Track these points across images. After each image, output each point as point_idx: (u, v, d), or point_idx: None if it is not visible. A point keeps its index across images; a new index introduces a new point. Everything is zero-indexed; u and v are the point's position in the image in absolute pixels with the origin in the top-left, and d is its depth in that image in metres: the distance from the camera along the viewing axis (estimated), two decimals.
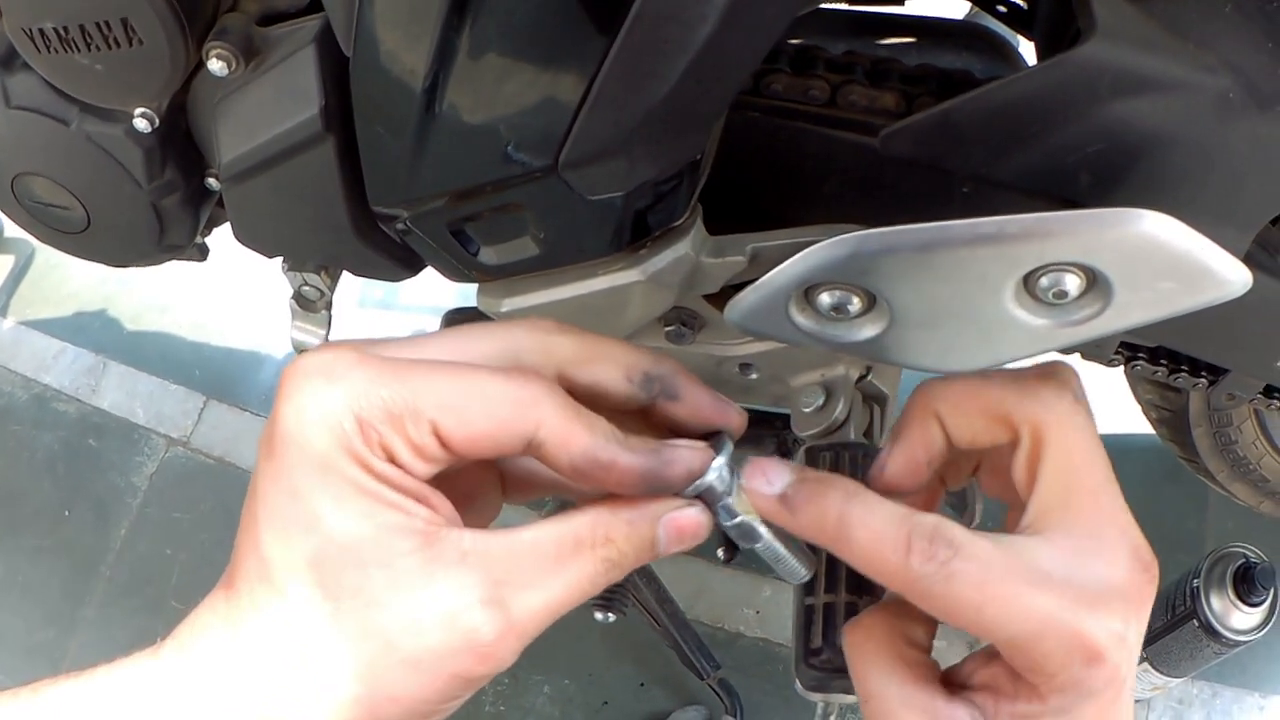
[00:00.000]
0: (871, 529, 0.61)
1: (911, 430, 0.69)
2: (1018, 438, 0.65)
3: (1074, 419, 0.65)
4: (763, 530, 0.66)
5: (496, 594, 0.58)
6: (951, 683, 0.66)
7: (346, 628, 0.57)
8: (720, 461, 0.65)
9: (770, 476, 0.65)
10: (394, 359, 0.60)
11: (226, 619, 0.59)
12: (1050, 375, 0.67)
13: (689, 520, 0.64)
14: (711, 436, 0.67)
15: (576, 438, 0.61)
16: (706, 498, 0.64)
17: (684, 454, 0.64)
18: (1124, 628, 0.59)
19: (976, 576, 0.59)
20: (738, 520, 0.65)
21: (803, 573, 0.69)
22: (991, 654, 0.64)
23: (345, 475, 0.57)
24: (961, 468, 0.74)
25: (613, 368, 0.66)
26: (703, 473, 0.64)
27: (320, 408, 0.58)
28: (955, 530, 0.60)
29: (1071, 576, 0.59)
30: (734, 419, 0.68)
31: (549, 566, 0.60)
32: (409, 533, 0.58)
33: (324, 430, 0.57)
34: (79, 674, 0.59)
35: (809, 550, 0.68)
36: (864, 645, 0.67)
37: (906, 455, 0.69)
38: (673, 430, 0.67)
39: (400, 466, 0.59)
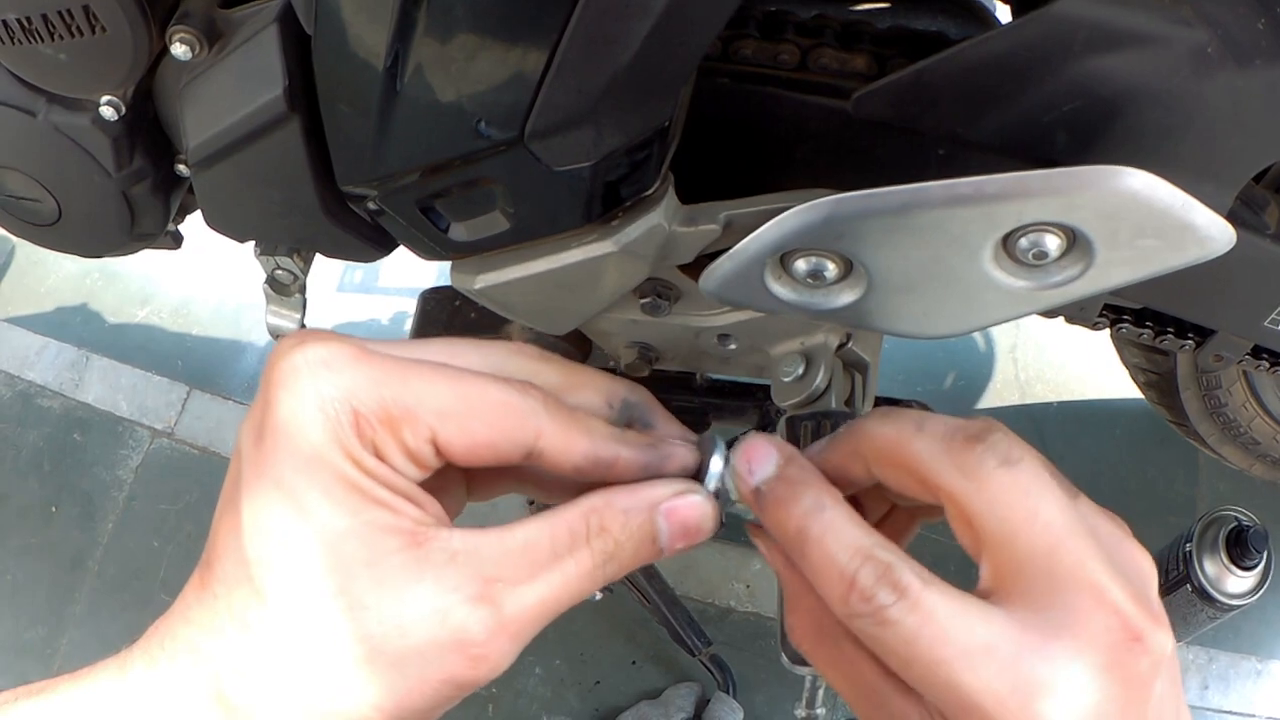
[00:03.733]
0: (824, 551, 0.59)
1: (837, 462, 0.66)
2: (941, 506, 0.61)
3: (1003, 481, 0.58)
4: None
5: (487, 591, 0.57)
6: None
7: (330, 632, 0.55)
8: (718, 466, 0.63)
9: (754, 465, 0.64)
10: (395, 358, 0.59)
11: (201, 628, 0.57)
12: (974, 438, 0.60)
13: (691, 509, 0.62)
14: (702, 443, 0.66)
15: (577, 443, 0.61)
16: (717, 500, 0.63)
17: (679, 449, 0.64)
18: None
19: (910, 632, 0.55)
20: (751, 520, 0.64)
21: None
22: None
23: (335, 469, 0.56)
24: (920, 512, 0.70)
25: (594, 394, 0.66)
26: (696, 467, 0.64)
27: (318, 398, 0.56)
28: (910, 575, 0.56)
29: (1021, 657, 0.54)
30: (692, 463, 0.66)
31: (543, 562, 0.59)
32: (396, 532, 0.57)
33: (319, 421, 0.56)
34: (41, 687, 0.58)
35: None
36: (807, 652, 0.65)
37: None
38: None
39: (393, 467, 0.58)
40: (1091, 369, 2.53)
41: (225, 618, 0.56)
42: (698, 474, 0.64)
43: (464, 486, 0.70)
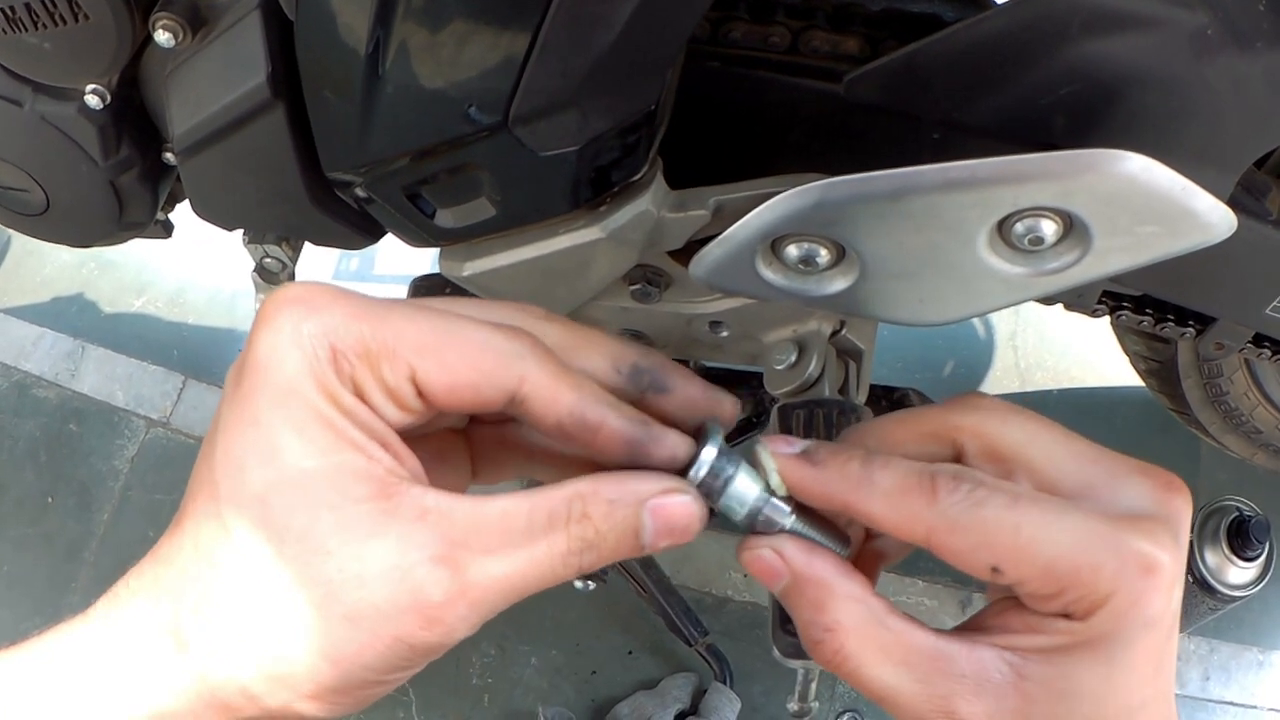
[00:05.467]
0: (895, 471, 0.59)
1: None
2: (959, 449, 0.63)
3: (1013, 413, 0.62)
4: (785, 514, 0.63)
5: (451, 554, 0.55)
6: (966, 632, 0.62)
7: (289, 573, 0.54)
8: (711, 453, 0.61)
9: (790, 440, 0.63)
10: (378, 298, 0.58)
11: (167, 565, 0.56)
12: (972, 395, 0.64)
13: (679, 509, 0.60)
14: (700, 430, 0.63)
15: (563, 394, 0.59)
16: (704, 493, 0.61)
17: (672, 437, 0.61)
18: (1172, 549, 0.57)
19: (1007, 500, 0.57)
20: (750, 510, 0.62)
21: (841, 551, 0.64)
22: (1004, 606, 0.61)
23: (310, 405, 0.55)
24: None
25: (601, 358, 0.64)
26: (687, 461, 0.61)
27: (295, 333, 0.56)
28: (977, 472, 0.59)
29: (1104, 508, 0.58)
30: (727, 408, 0.65)
31: (516, 538, 0.57)
32: (367, 478, 0.55)
33: (295, 356, 0.55)
34: (10, 650, 0.57)
35: (839, 529, 0.64)
36: (852, 653, 0.61)
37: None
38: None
39: (372, 408, 0.57)
40: (1092, 356, 2.53)
41: (190, 553, 0.56)
42: (690, 462, 0.62)
43: (468, 463, 0.69)
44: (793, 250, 0.82)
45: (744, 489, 0.62)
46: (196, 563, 0.56)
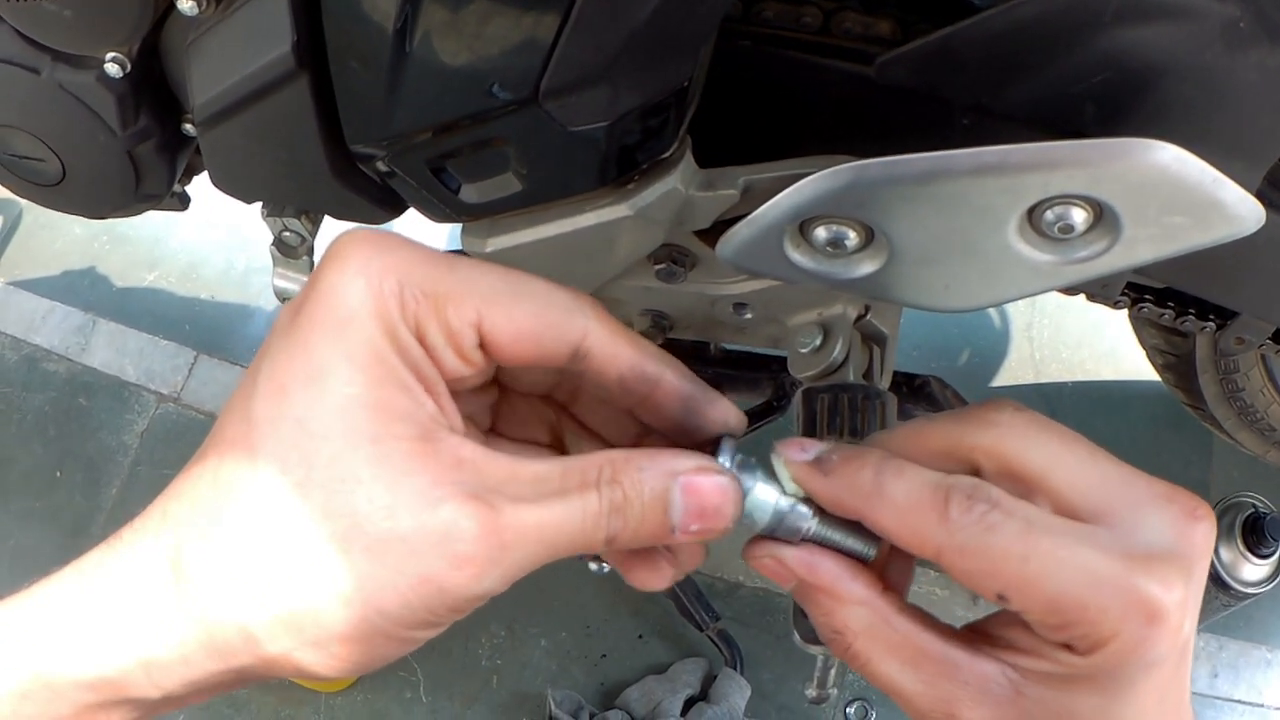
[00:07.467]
0: (909, 485, 0.59)
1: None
2: (975, 468, 0.62)
3: (1034, 428, 0.61)
4: (807, 517, 0.62)
5: (485, 496, 0.54)
6: (974, 637, 0.62)
7: (313, 501, 0.53)
8: (724, 462, 0.61)
9: (804, 445, 0.63)
10: (444, 251, 0.59)
11: (178, 498, 0.55)
12: (991, 405, 0.63)
13: (711, 489, 0.59)
14: (713, 444, 0.63)
15: (624, 350, 0.60)
16: None
17: (725, 401, 0.63)
18: (1184, 591, 0.56)
19: (1019, 527, 0.56)
20: (770, 520, 0.62)
21: (868, 553, 0.63)
22: (1012, 617, 0.60)
23: (366, 336, 0.54)
24: None
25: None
26: (739, 430, 0.63)
27: (364, 266, 0.55)
28: (994, 489, 0.58)
29: (1119, 541, 0.56)
30: (723, 410, 0.65)
31: (549, 492, 0.56)
32: (409, 420, 0.55)
33: (361, 286, 0.55)
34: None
35: (867, 531, 0.63)
36: (859, 652, 0.63)
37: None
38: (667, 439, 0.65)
39: (429, 351, 0.56)
40: (1107, 349, 2.52)
41: (208, 482, 0.55)
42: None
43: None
44: (821, 232, 0.82)
45: (764, 498, 0.62)
46: (212, 491, 0.54)
